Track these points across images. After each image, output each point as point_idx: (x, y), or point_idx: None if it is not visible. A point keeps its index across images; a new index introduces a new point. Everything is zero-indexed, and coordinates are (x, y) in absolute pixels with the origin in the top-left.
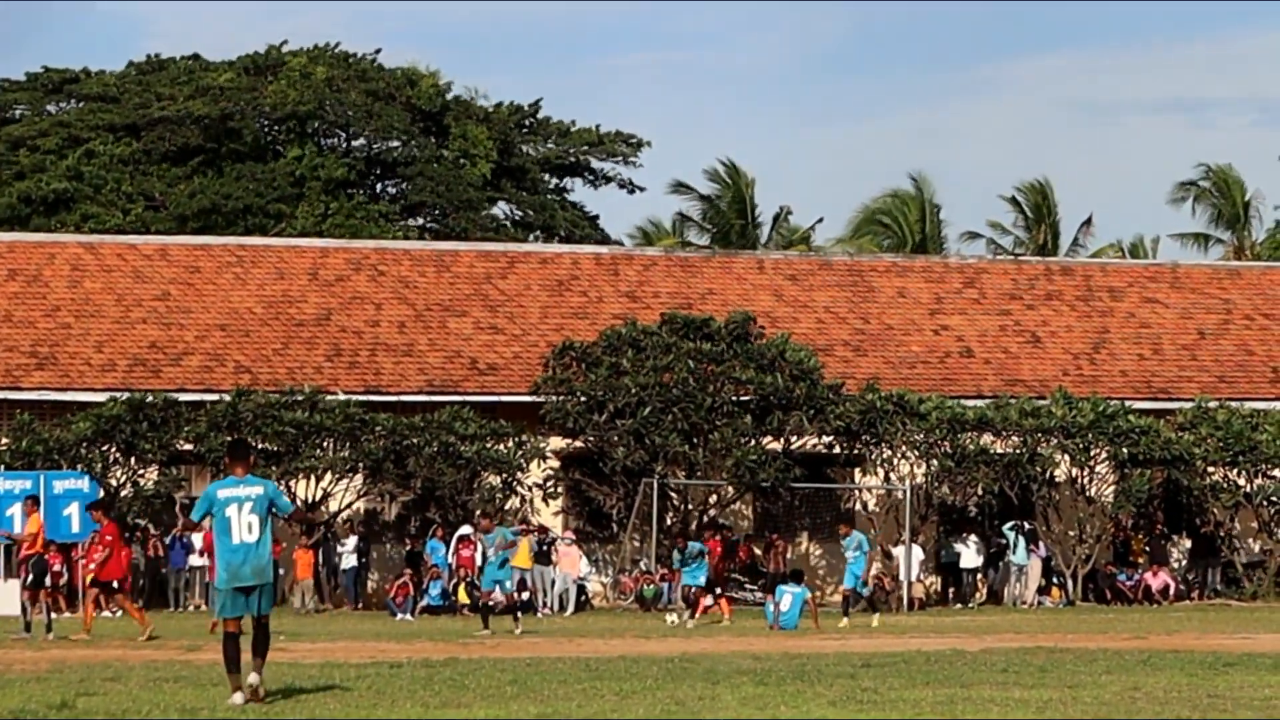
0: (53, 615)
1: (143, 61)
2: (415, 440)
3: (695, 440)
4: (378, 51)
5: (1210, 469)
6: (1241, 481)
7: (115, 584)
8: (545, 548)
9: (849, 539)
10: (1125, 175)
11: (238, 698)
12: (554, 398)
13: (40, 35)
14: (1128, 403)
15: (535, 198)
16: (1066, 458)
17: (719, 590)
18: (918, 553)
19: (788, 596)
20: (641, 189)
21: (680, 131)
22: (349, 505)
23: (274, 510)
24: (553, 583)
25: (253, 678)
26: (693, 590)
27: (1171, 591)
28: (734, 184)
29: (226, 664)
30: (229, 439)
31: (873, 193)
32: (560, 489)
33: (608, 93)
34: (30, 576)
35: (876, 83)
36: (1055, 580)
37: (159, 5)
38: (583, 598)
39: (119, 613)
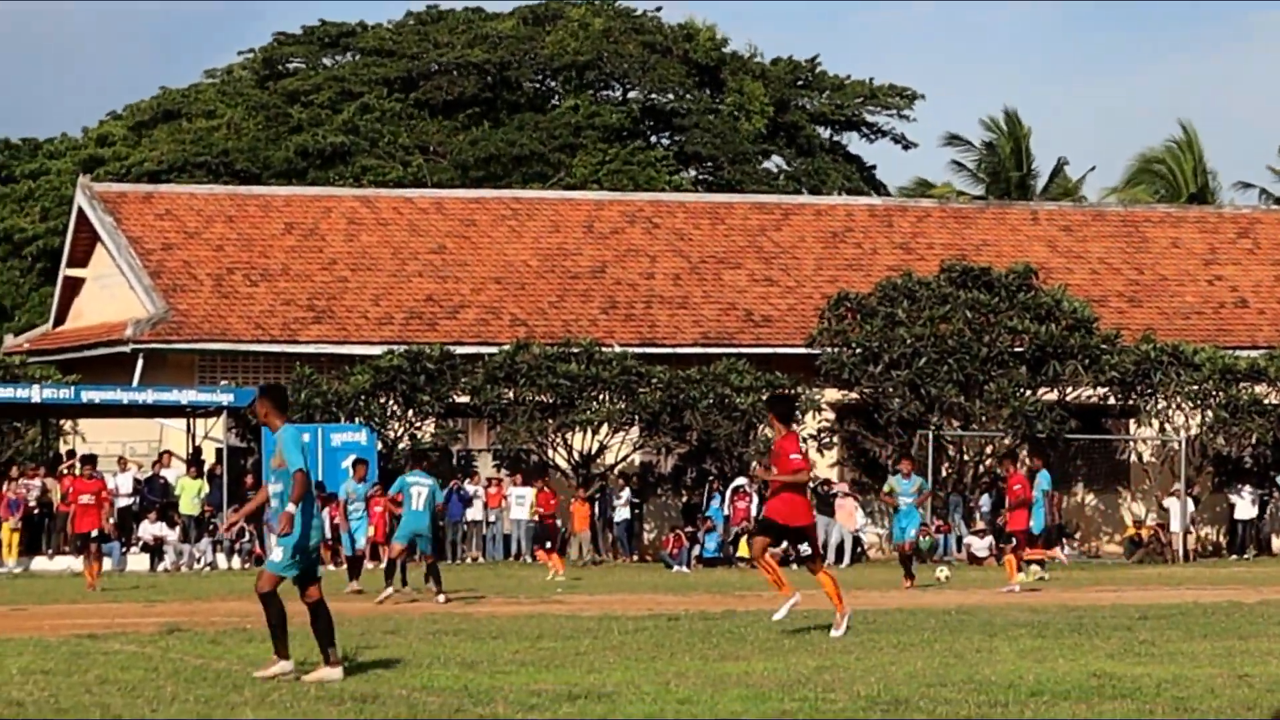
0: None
1: (421, 12)
2: (691, 392)
3: (971, 391)
4: (658, 9)
5: None
6: None
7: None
8: (829, 499)
9: (909, 481)
10: None
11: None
12: (829, 349)
13: None
14: None
15: (809, 161)
16: None
17: (549, 544)
18: (1194, 504)
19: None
20: (914, 145)
21: (951, 84)
22: (624, 458)
23: None
24: (830, 534)
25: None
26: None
27: None
28: (1010, 134)
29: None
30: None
31: (1144, 141)
32: (836, 440)
33: (881, 46)
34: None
35: (1148, 30)
36: None
37: None
38: (858, 549)
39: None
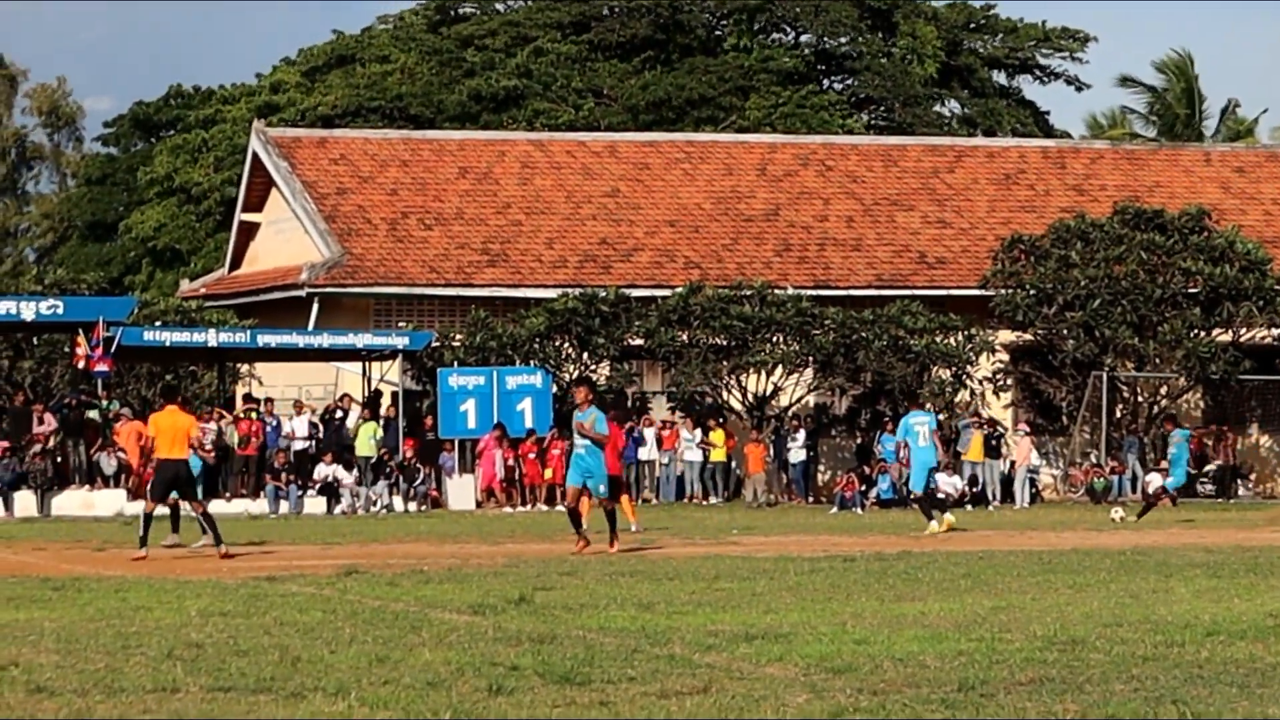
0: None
1: None
2: (865, 334)
3: (1144, 332)
4: None
5: None
6: None
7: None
8: (995, 441)
9: (583, 415)
10: None
11: None
12: (1003, 290)
13: None
14: None
15: (983, 102)
16: None
17: None
18: None
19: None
20: (1087, 86)
21: (1124, 26)
22: (799, 399)
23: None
24: (1005, 475)
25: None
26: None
27: None
28: (1182, 76)
29: None
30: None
31: None
32: (1010, 382)
33: None
34: None
35: None
36: None
37: None
38: (1034, 490)
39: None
